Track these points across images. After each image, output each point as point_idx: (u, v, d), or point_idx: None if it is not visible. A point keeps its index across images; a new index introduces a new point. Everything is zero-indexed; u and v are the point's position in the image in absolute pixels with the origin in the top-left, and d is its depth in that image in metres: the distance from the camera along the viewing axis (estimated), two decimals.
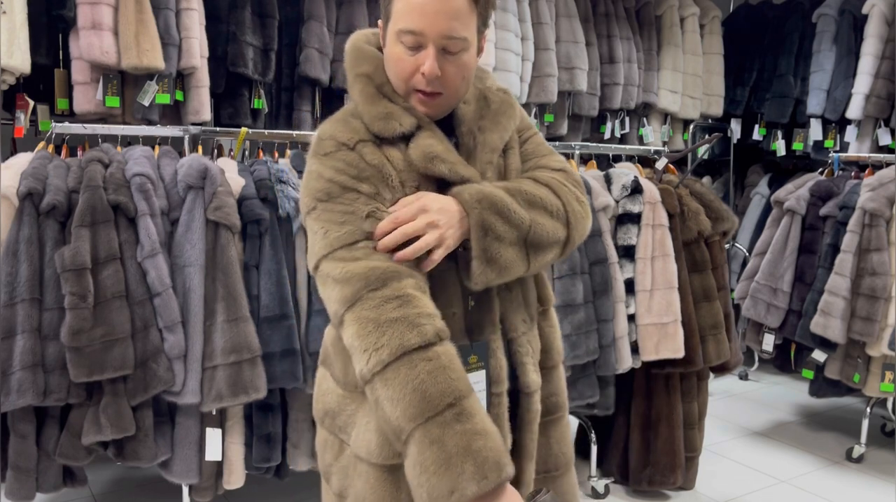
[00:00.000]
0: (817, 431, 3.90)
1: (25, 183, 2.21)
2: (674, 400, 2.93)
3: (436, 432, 1.06)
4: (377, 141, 1.27)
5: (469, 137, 1.32)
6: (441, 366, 1.10)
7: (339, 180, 1.23)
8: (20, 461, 2.26)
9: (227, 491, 2.55)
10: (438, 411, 1.07)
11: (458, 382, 1.10)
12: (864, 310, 3.19)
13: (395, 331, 1.11)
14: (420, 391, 1.08)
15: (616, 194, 2.86)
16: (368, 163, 1.25)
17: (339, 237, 1.20)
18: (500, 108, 1.38)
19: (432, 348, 1.12)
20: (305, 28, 3.45)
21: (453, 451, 1.05)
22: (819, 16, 4.47)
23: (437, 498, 1.05)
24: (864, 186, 3.30)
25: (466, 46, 1.25)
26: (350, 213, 1.21)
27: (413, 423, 1.08)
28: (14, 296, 2.16)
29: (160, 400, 2.36)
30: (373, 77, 1.31)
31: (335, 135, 1.28)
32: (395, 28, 1.23)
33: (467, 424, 1.07)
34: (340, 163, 1.24)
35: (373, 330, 1.12)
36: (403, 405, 1.08)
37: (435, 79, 1.23)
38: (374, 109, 1.28)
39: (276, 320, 2.40)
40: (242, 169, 2.57)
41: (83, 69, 2.89)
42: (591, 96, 4.30)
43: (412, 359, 1.10)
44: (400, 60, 1.25)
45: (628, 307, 2.82)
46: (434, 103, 1.28)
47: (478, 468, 1.04)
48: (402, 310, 1.13)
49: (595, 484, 3.06)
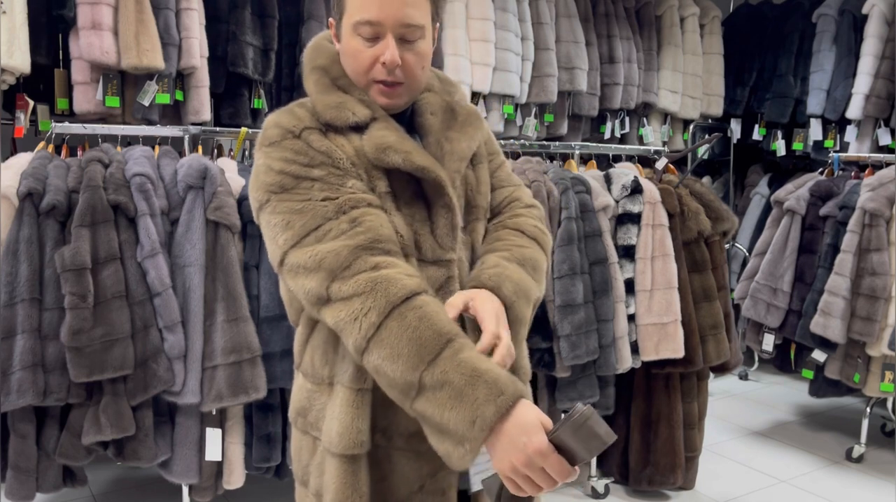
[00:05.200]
0: (817, 431, 3.90)
1: (25, 183, 2.21)
2: (674, 400, 2.93)
3: (440, 372, 1.07)
4: (324, 129, 1.26)
5: (437, 147, 1.32)
6: (429, 313, 1.11)
7: (291, 170, 1.21)
8: (20, 461, 2.26)
9: (227, 491, 2.55)
10: (437, 352, 1.08)
11: (449, 324, 1.12)
12: (864, 310, 3.19)
13: (378, 292, 1.12)
14: (415, 339, 1.09)
15: (616, 194, 2.86)
16: (316, 150, 1.23)
17: (304, 225, 1.18)
18: (468, 120, 1.38)
19: (417, 297, 1.13)
20: (305, 28, 3.45)
21: (462, 383, 1.06)
22: (819, 16, 4.48)
23: (463, 434, 1.05)
24: (864, 186, 3.31)
25: (423, 34, 1.26)
26: (307, 201, 1.19)
27: (417, 372, 1.08)
28: (14, 296, 2.16)
29: (160, 400, 2.36)
30: (328, 70, 1.31)
31: (280, 123, 1.26)
32: (352, 21, 1.23)
33: (468, 353, 1.09)
34: (288, 152, 1.22)
35: (356, 299, 1.13)
36: (404, 358, 1.09)
37: (395, 67, 1.24)
38: (327, 98, 1.27)
39: (276, 320, 2.40)
40: (242, 169, 2.58)
41: (83, 69, 2.89)
42: (591, 96, 4.29)
43: (401, 312, 1.11)
44: (358, 52, 1.25)
45: (628, 307, 2.82)
46: (395, 93, 1.27)
47: (490, 389, 1.05)
48: (380, 272, 1.14)
49: (595, 484, 3.06)
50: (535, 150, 3.17)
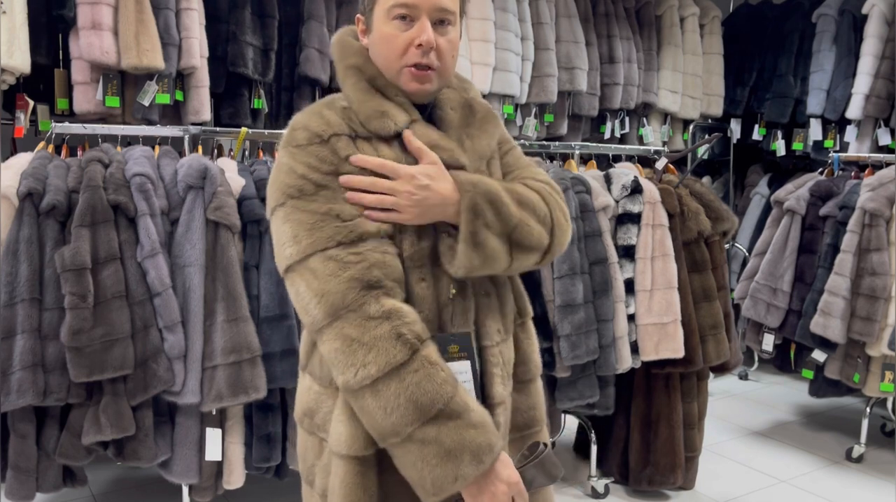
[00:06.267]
0: (817, 431, 3.90)
1: (25, 183, 2.21)
2: (674, 400, 2.93)
3: (432, 432, 1.15)
4: (353, 134, 1.26)
5: (458, 143, 1.34)
6: (427, 375, 1.16)
7: (313, 177, 1.21)
8: (20, 461, 2.26)
9: (227, 491, 2.55)
10: (431, 416, 1.15)
11: (445, 385, 1.16)
12: (863, 310, 3.19)
13: (380, 349, 1.15)
14: (412, 401, 1.14)
15: (616, 194, 2.86)
16: (342, 158, 1.23)
17: (312, 244, 1.19)
18: (486, 117, 1.40)
19: (417, 357, 1.16)
20: (305, 28, 3.45)
21: (450, 446, 1.15)
22: (819, 16, 4.47)
23: (441, 485, 1.16)
24: (864, 186, 3.30)
25: (454, 21, 1.28)
26: (324, 214, 1.20)
27: (410, 428, 1.15)
28: (14, 296, 2.16)
29: (160, 400, 2.36)
30: (363, 69, 1.31)
31: (308, 126, 1.26)
32: (387, 5, 1.25)
33: (459, 420, 1.16)
34: (313, 158, 1.22)
35: (358, 348, 1.16)
36: (398, 414, 1.15)
37: (431, 49, 1.25)
38: (370, 104, 1.28)
39: (276, 320, 2.40)
40: (242, 169, 2.57)
41: (83, 69, 2.89)
42: (591, 96, 4.29)
43: (400, 374, 1.15)
44: (392, 37, 1.25)
45: (628, 307, 2.82)
46: (427, 78, 1.28)
47: (474, 456, 1.15)
48: (384, 326, 1.16)
49: (595, 483, 3.06)
50: (535, 150, 3.17)
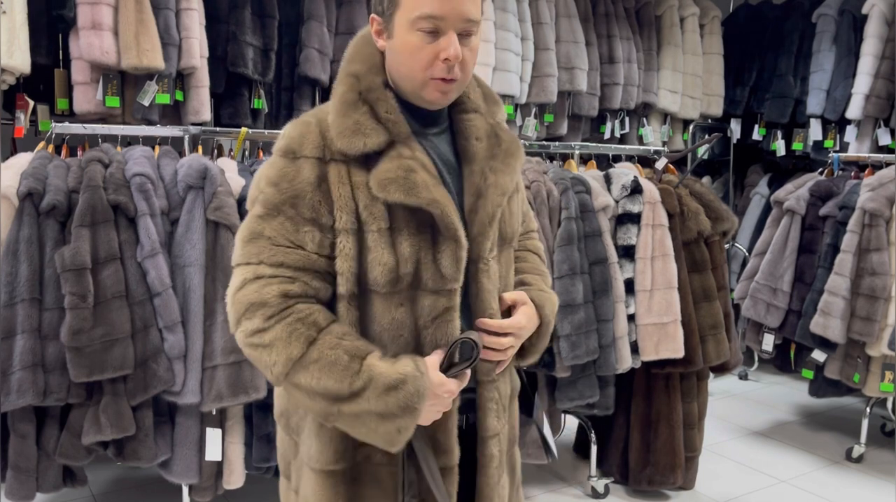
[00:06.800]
0: (817, 431, 3.90)
1: (25, 183, 2.21)
2: (674, 400, 2.93)
3: (356, 407, 1.19)
4: (322, 157, 1.23)
5: (480, 177, 1.30)
6: (328, 363, 1.18)
7: (269, 194, 1.24)
8: (20, 461, 2.26)
9: (227, 491, 2.55)
10: (347, 396, 1.18)
11: (348, 368, 1.18)
12: (863, 310, 3.19)
13: (278, 348, 1.19)
14: (324, 389, 1.18)
15: (616, 194, 2.86)
16: (302, 182, 1.22)
17: (250, 253, 1.23)
18: (510, 149, 1.36)
19: (314, 347, 1.19)
20: (305, 28, 3.45)
21: (380, 410, 1.18)
22: (819, 16, 4.47)
23: (391, 439, 1.21)
24: (864, 186, 3.31)
25: (478, 30, 1.25)
26: (268, 237, 1.23)
27: (335, 407, 1.19)
28: (14, 296, 2.16)
29: (160, 400, 2.36)
30: (361, 78, 1.27)
31: (290, 136, 1.26)
32: (411, 16, 1.19)
33: (373, 390, 1.18)
34: (278, 172, 1.24)
35: (262, 351, 1.21)
36: (319, 400, 1.20)
37: (457, 63, 1.22)
38: (344, 121, 1.24)
39: None
40: (242, 169, 2.58)
41: (83, 69, 2.89)
42: (590, 96, 4.29)
43: (304, 365, 1.18)
44: (417, 49, 1.21)
45: (628, 307, 2.82)
46: (451, 89, 1.26)
47: (404, 409, 1.18)
48: (277, 327, 1.20)
49: (595, 483, 3.06)
50: (535, 150, 3.17)
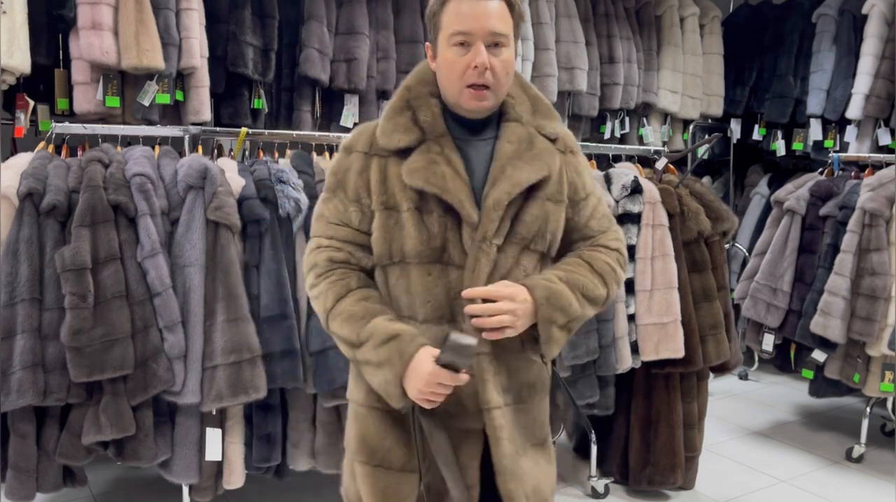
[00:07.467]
0: (817, 431, 3.90)
1: (25, 183, 2.21)
2: (674, 400, 2.93)
3: (362, 355, 1.49)
4: (368, 152, 1.52)
5: (499, 171, 1.49)
6: (348, 316, 1.49)
7: (329, 182, 1.56)
8: (20, 461, 2.26)
9: (227, 491, 2.55)
10: (357, 344, 1.48)
11: (360, 322, 1.47)
12: (863, 310, 3.19)
13: (321, 300, 1.53)
14: (344, 336, 1.50)
15: (616, 194, 2.86)
16: (352, 172, 1.53)
17: (319, 229, 1.57)
18: (541, 153, 1.52)
19: (342, 302, 1.50)
20: (305, 28, 3.45)
21: (377, 360, 1.46)
22: (819, 16, 4.47)
23: (384, 389, 1.47)
24: (864, 186, 3.31)
25: (507, 43, 1.47)
26: (330, 213, 1.55)
27: (351, 352, 1.51)
28: (14, 296, 2.17)
29: (160, 400, 2.36)
30: (411, 88, 1.55)
31: (353, 134, 1.57)
32: (447, 34, 1.46)
33: (372, 341, 1.46)
34: (337, 164, 1.56)
35: (314, 300, 1.56)
36: (343, 346, 1.53)
37: (485, 69, 1.44)
38: (388, 124, 1.52)
39: (276, 320, 2.40)
40: (242, 169, 2.57)
41: (83, 69, 2.89)
42: (590, 96, 4.29)
43: (332, 317, 1.51)
44: (453, 62, 1.46)
45: (628, 307, 2.82)
46: (484, 96, 1.47)
47: (385, 360, 1.45)
48: (322, 283, 1.53)
49: (595, 483, 3.06)
50: None
